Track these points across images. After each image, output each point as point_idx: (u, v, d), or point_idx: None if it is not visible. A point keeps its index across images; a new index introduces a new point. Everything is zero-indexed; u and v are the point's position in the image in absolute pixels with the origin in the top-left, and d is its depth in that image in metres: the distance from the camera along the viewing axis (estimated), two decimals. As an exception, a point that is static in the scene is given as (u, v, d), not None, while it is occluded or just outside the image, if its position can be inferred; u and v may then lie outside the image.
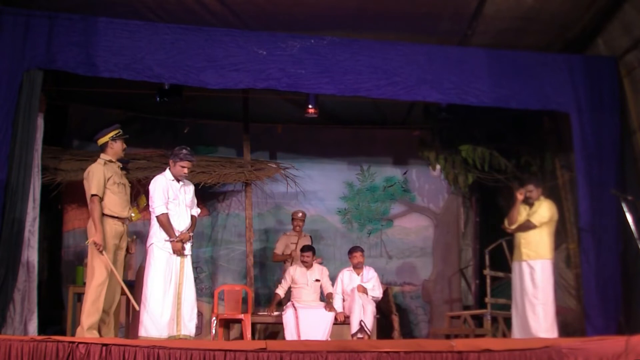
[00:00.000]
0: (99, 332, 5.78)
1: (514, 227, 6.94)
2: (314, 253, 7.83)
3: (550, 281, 6.73)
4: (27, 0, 6.56)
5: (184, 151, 6.10)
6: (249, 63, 6.89)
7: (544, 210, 6.82)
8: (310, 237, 8.59)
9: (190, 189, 6.27)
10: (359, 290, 7.44)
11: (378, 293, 7.68)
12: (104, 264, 5.76)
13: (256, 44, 6.91)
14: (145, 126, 9.22)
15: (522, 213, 6.97)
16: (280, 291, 7.77)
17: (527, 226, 6.82)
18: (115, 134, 6.04)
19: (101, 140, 6.03)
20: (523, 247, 6.86)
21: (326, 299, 7.64)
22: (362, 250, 7.84)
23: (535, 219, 6.79)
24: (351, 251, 7.87)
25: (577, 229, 7.39)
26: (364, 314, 7.26)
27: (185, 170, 6.10)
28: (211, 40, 6.85)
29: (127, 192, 6.12)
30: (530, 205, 6.92)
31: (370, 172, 9.98)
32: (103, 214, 5.83)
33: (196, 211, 6.28)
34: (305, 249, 7.88)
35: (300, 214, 8.47)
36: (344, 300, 7.66)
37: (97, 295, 5.71)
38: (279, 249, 8.38)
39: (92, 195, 5.76)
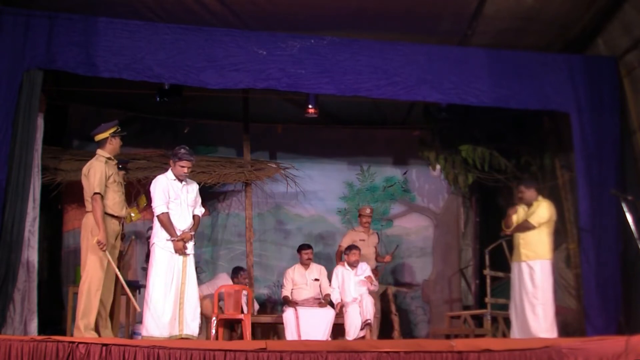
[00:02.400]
0: (97, 332, 5.77)
1: (512, 228, 6.94)
2: (312, 250, 7.91)
3: (550, 281, 6.72)
4: (27, 0, 6.56)
5: (182, 150, 6.10)
6: (249, 63, 6.89)
7: (542, 211, 6.81)
8: (377, 233, 8.59)
9: (193, 188, 6.26)
10: (368, 280, 7.55)
11: (375, 286, 7.79)
12: (99, 263, 5.75)
13: (256, 44, 6.91)
14: (145, 126, 9.22)
15: (520, 213, 6.98)
16: (287, 292, 7.79)
17: (526, 227, 6.82)
18: (115, 131, 6.03)
19: (101, 136, 6.00)
20: (522, 248, 6.85)
21: (323, 299, 7.66)
22: (359, 249, 7.94)
23: (533, 220, 6.78)
24: (350, 249, 7.91)
25: (577, 229, 7.39)
26: (364, 311, 7.33)
27: (185, 170, 6.10)
28: (211, 40, 6.85)
29: (123, 191, 6.11)
30: (529, 205, 6.92)
31: (370, 172, 9.98)
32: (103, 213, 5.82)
33: (200, 210, 6.28)
34: (305, 246, 7.91)
35: (368, 210, 8.46)
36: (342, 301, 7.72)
37: (92, 295, 5.70)
38: (346, 243, 8.26)
39: (95, 193, 5.75)
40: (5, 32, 6.36)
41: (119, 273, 5.91)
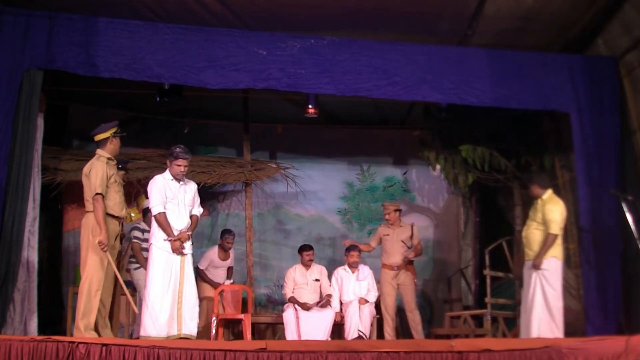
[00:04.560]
0: (97, 332, 5.77)
1: (540, 252, 6.63)
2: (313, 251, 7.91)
3: (550, 280, 6.64)
4: (27, 0, 6.56)
5: (178, 149, 6.09)
6: (249, 63, 6.89)
7: (554, 216, 6.62)
8: (412, 225, 8.04)
9: (191, 188, 6.25)
10: (361, 303, 7.50)
11: (374, 296, 7.76)
12: (100, 263, 5.74)
13: (256, 44, 6.91)
14: (145, 126, 9.22)
15: (533, 210, 6.89)
16: (291, 292, 7.78)
17: (553, 240, 6.57)
18: (116, 131, 6.03)
19: (101, 136, 5.99)
20: (525, 247, 6.83)
21: (324, 299, 7.67)
22: (359, 250, 7.94)
23: (553, 229, 6.58)
24: (349, 249, 7.92)
25: (577, 229, 7.39)
26: (360, 320, 7.35)
27: (182, 169, 6.08)
28: (211, 40, 6.85)
29: (123, 192, 6.11)
30: (536, 199, 6.83)
31: (370, 172, 9.99)
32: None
33: (198, 210, 6.26)
34: (306, 248, 7.90)
35: (388, 205, 8.04)
36: (341, 303, 7.72)
37: (92, 295, 5.69)
38: (372, 240, 8.12)
39: (97, 193, 5.74)
40: (5, 32, 6.36)
41: (118, 274, 5.91)
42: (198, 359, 4.96)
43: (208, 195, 9.01)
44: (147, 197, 6.31)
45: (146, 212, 7.27)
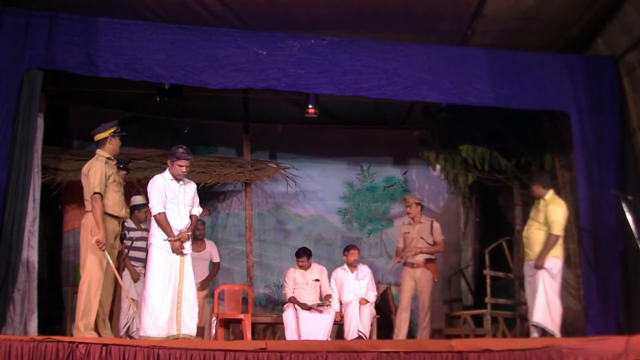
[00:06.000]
0: (97, 332, 5.76)
1: (542, 251, 6.59)
2: (309, 256, 7.83)
3: (550, 279, 6.63)
4: (27, 0, 6.56)
5: (181, 150, 6.09)
6: (249, 63, 6.89)
7: (557, 217, 6.60)
8: (432, 222, 7.76)
9: (191, 188, 6.24)
10: (362, 304, 7.49)
11: (373, 296, 7.78)
12: (99, 263, 5.74)
13: (256, 44, 6.91)
14: (145, 126, 9.23)
15: (535, 210, 6.87)
16: (291, 293, 7.75)
17: (554, 240, 6.55)
18: (115, 130, 6.02)
19: (100, 136, 5.98)
20: (526, 247, 6.83)
21: (324, 300, 7.66)
22: (358, 249, 7.97)
23: (555, 230, 6.56)
24: (348, 249, 7.93)
25: (577, 229, 7.39)
26: (360, 320, 7.35)
27: (184, 169, 6.08)
28: (211, 40, 6.85)
29: (123, 191, 6.11)
30: (538, 199, 6.81)
31: (370, 172, 9.99)
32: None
33: (197, 210, 6.25)
34: (300, 253, 7.85)
35: (408, 199, 7.78)
36: (341, 303, 7.72)
37: (92, 295, 5.69)
38: (401, 242, 7.79)
39: (95, 193, 5.73)
40: (5, 32, 6.36)
41: (117, 274, 5.90)
42: (198, 359, 4.95)
43: (208, 195, 9.01)
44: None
45: (133, 210, 7.25)
